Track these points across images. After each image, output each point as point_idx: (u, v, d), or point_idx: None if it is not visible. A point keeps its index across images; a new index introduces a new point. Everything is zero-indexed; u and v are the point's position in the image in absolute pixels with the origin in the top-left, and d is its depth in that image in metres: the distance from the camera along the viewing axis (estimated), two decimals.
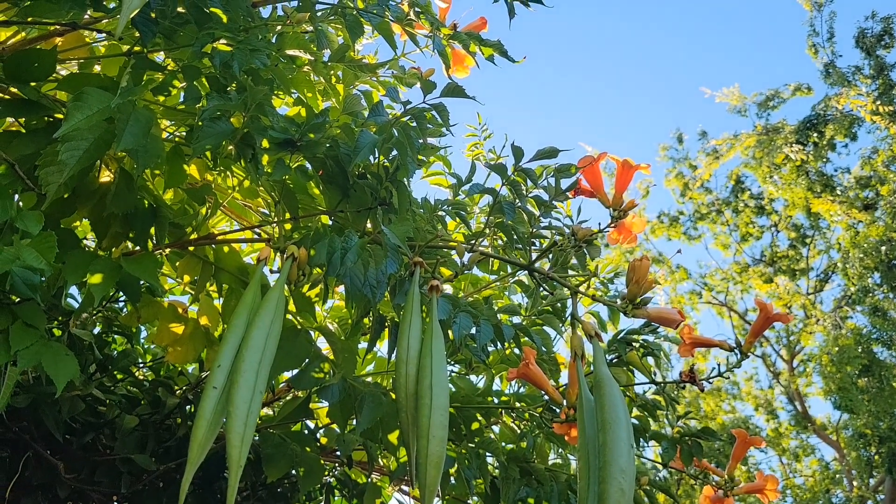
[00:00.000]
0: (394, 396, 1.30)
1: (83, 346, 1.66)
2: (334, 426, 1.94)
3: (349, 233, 1.32)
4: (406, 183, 1.49)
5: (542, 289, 1.47)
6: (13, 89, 1.49)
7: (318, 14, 1.76)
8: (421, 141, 1.63)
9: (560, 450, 2.20)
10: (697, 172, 13.50)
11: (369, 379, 1.86)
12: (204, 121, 1.31)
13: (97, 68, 1.76)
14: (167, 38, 1.52)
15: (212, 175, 1.71)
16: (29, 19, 1.55)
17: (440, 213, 1.55)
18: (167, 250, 1.83)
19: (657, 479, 2.36)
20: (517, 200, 1.45)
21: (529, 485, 1.96)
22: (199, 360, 1.76)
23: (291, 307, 1.65)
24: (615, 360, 2.21)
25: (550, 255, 1.50)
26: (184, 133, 1.62)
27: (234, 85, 1.40)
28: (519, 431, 2.05)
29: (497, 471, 1.98)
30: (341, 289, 1.88)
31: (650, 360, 2.24)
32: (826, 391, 12.19)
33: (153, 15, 1.31)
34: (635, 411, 2.27)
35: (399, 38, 2.03)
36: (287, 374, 1.73)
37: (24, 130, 1.46)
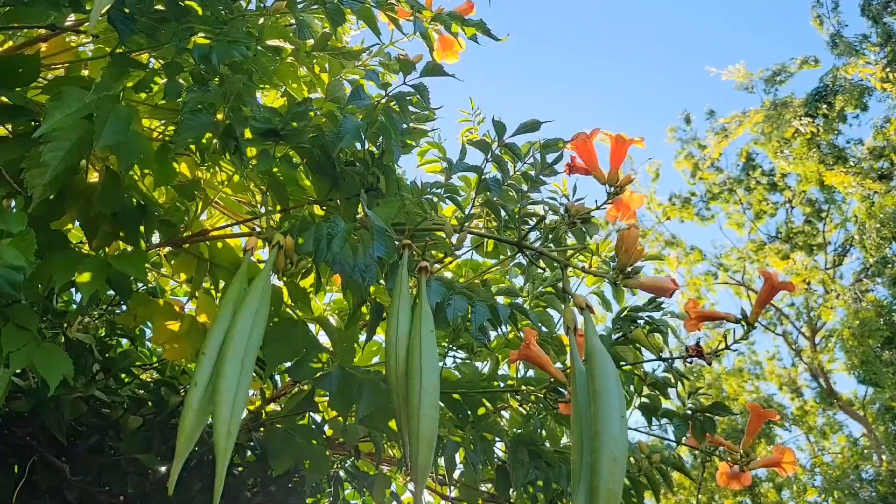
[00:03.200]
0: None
1: (83, 349, 1.66)
2: (341, 418, 1.94)
3: (335, 218, 1.31)
4: (393, 167, 1.49)
5: (536, 267, 1.45)
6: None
7: (301, 4, 1.76)
8: (406, 126, 1.63)
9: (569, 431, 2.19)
10: (706, 152, 13.41)
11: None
12: (184, 114, 1.31)
13: (85, 72, 1.76)
14: (149, 36, 1.52)
15: (202, 172, 1.71)
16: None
17: (430, 195, 1.54)
18: (166, 250, 1.84)
19: (671, 456, 2.34)
20: (503, 177, 1.44)
21: (539, 468, 1.94)
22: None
23: (288, 300, 1.64)
24: (621, 339, 2.19)
25: (541, 232, 1.48)
26: (172, 131, 1.62)
27: (216, 79, 1.40)
28: (526, 414, 2.03)
29: (507, 455, 1.97)
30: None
31: (659, 337, 2.23)
32: (849, 366, 12.07)
33: (126, 11, 1.30)
34: (645, 390, 2.25)
35: (387, 27, 2.03)
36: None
37: (11, 136, 1.47)
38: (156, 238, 1.60)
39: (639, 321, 2.14)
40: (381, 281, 1.42)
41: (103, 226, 1.40)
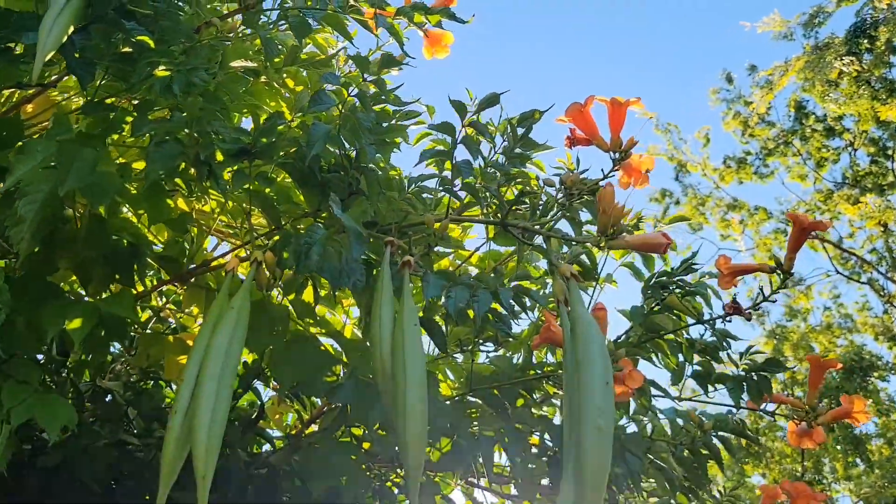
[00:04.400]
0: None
1: (112, 396, 1.68)
2: (381, 432, 1.91)
3: (313, 227, 1.29)
4: (372, 167, 1.46)
5: (528, 245, 1.40)
6: None
7: (265, 21, 1.76)
8: (387, 124, 1.60)
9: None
10: (753, 107, 12.98)
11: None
12: (150, 147, 1.31)
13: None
14: (121, 78, 1.53)
15: (197, 203, 1.72)
16: None
17: (423, 188, 1.50)
18: (182, 287, 1.85)
19: (734, 422, 2.23)
20: (473, 157, 1.39)
21: None
22: None
23: (295, 316, 1.63)
24: (657, 307, 2.11)
25: (538, 208, 1.43)
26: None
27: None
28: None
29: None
30: None
31: (700, 300, 2.14)
32: None
33: (78, 56, 1.31)
34: (696, 357, 2.16)
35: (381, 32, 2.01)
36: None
37: None
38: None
39: (670, 287, 2.06)
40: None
41: (95, 271, 1.41)
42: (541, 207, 1.38)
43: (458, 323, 1.89)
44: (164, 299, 2.01)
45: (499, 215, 1.49)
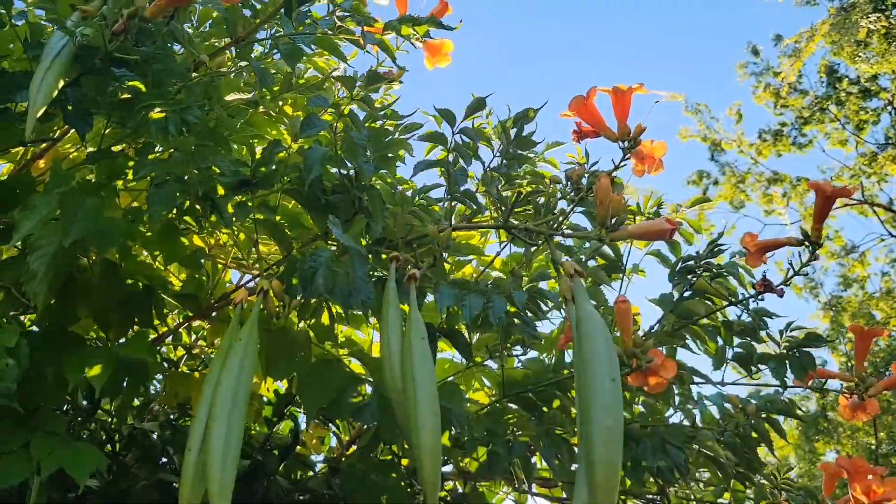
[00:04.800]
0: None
1: (145, 437, 1.71)
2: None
3: (317, 251, 1.29)
4: (373, 184, 1.45)
5: (532, 245, 1.38)
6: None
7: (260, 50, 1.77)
8: (387, 140, 1.59)
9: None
10: (783, 77, 12.69)
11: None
12: (151, 189, 1.33)
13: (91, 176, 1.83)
14: (121, 125, 1.56)
15: (211, 238, 1.73)
16: None
17: (422, 202, 1.50)
18: (206, 324, 1.87)
19: (785, 400, 2.16)
20: (466, 163, 1.37)
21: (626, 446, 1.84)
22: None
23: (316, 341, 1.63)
24: (687, 293, 2.07)
25: (542, 206, 1.41)
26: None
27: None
28: None
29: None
30: None
31: (732, 280, 2.09)
32: None
33: (70, 108, 1.33)
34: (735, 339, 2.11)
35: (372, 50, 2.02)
36: None
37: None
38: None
39: (697, 271, 2.02)
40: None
41: (113, 316, 1.43)
42: (543, 207, 1.35)
43: (482, 330, 1.88)
44: (194, 335, 2.03)
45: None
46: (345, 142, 1.42)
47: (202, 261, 1.62)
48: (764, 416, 2.12)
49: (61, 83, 1.28)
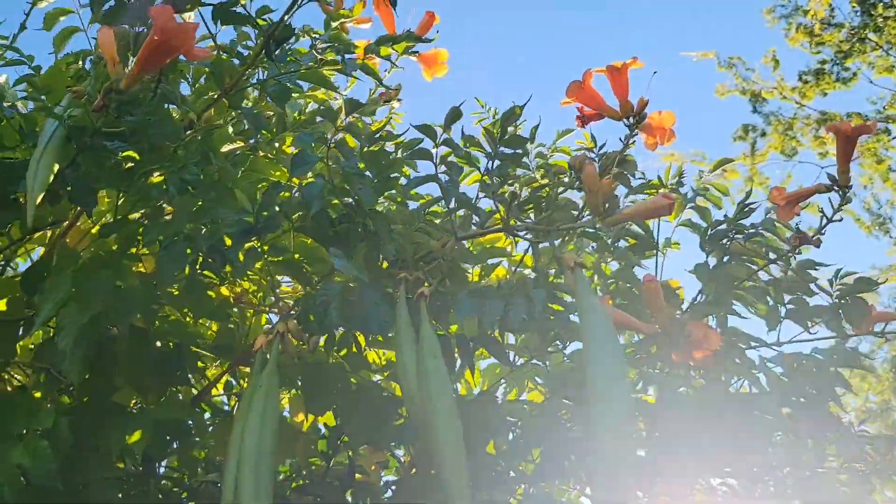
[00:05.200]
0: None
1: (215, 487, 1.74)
2: None
3: (326, 284, 1.29)
4: (382, 207, 1.46)
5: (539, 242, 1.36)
6: None
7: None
8: (385, 161, 1.60)
9: None
10: (812, 14, 12.27)
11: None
12: (160, 252, 1.36)
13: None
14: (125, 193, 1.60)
15: (237, 287, 1.76)
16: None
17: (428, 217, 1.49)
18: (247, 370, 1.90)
19: (849, 350, 2.08)
20: (453, 174, 1.36)
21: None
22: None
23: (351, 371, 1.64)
24: (726, 260, 2.02)
25: (544, 201, 1.39)
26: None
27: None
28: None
29: None
30: None
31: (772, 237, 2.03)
32: None
33: (69, 188, 1.37)
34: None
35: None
36: None
37: None
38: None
39: (730, 235, 1.97)
40: None
41: (147, 380, 1.47)
42: (545, 202, 1.34)
43: (518, 331, 1.87)
44: (245, 382, 2.07)
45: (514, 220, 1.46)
46: (339, 172, 1.43)
47: (229, 311, 1.64)
48: (833, 369, 2.04)
49: (56, 167, 1.32)
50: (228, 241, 1.44)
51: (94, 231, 1.83)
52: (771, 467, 2.18)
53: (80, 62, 1.74)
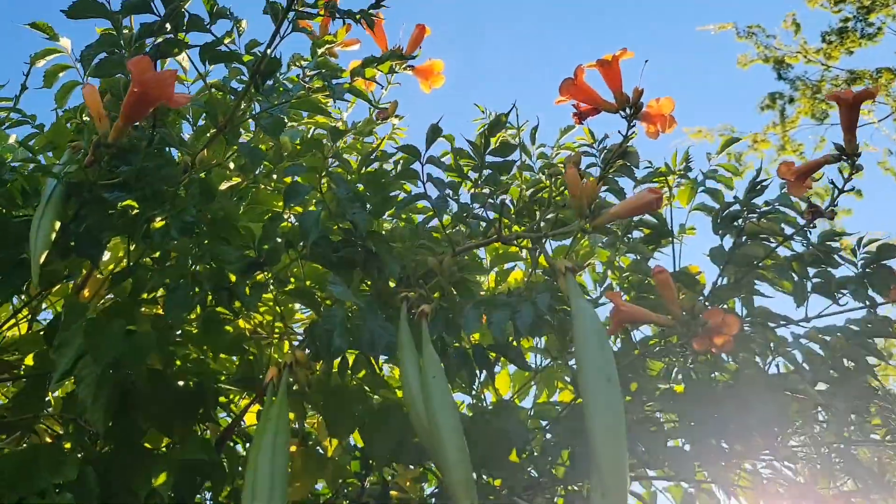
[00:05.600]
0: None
1: None
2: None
3: (330, 311, 1.31)
4: (377, 231, 1.47)
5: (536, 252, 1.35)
6: None
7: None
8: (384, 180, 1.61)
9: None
10: None
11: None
12: (167, 296, 1.38)
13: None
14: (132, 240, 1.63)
15: (252, 320, 1.79)
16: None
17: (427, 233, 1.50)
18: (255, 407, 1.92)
19: (880, 319, 2.03)
20: (441, 190, 1.36)
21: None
22: None
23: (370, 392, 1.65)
24: (745, 241, 1.99)
25: (540, 206, 1.38)
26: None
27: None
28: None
29: None
30: None
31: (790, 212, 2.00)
32: None
33: (73, 242, 1.40)
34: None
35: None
36: None
37: None
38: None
39: (743, 216, 1.94)
40: None
41: (171, 421, 1.49)
42: (539, 205, 1.33)
43: (536, 335, 1.86)
44: None
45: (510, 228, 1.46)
46: (333, 200, 1.44)
47: (246, 344, 1.67)
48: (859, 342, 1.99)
49: (58, 224, 1.36)
50: (233, 278, 1.46)
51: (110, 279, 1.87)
52: (814, 445, 2.14)
53: (81, 116, 1.79)
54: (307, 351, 1.40)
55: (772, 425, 1.78)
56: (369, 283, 1.58)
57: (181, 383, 1.57)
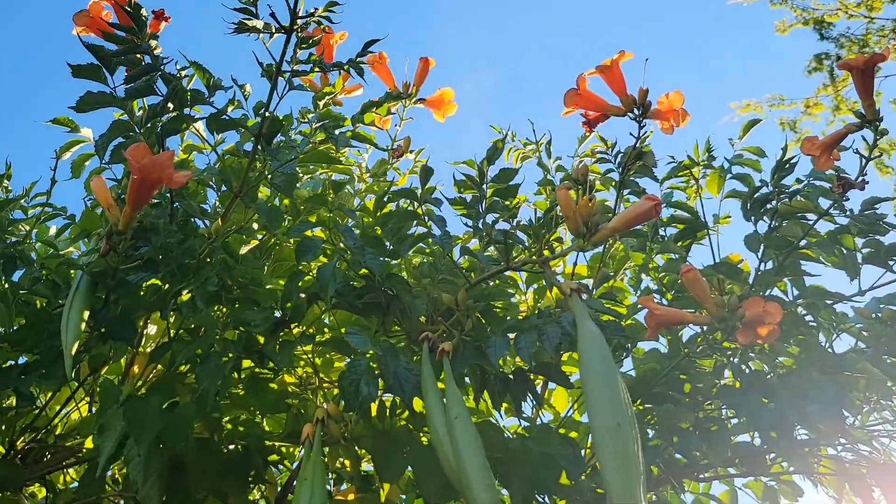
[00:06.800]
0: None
1: None
2: None
3: (353, 362, 1.31)
4: (395, 275, 1.48)
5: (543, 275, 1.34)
6: None
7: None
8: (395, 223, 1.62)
9: None
10: None
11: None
12: (198, 368, 1.42)
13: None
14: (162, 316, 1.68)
15: (292, 374, 1.81)
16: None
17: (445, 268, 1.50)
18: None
19: None
20: (441, 227, 1.36)
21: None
22: None
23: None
24: (781, 223, 1.93)
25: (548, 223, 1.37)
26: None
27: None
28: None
29: None
30: None
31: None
32: None
33: (104, 328, 1.45)
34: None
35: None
36: None
37: None
38: None
39: (774, 198, 1.88)
40: None
41: (224, 487, 1.52)
42: (544, 225, 1.32)
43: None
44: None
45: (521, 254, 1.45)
46: (342, 252, 1.46)
47: (289, 400, 1.69)
48: None
49: (87, 313, 1.41)
50: (262, 339, 1.49)
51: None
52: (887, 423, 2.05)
53: None
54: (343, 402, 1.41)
55: (833, 409, 1.70)
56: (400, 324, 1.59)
57: (231, 447, 1.60)
